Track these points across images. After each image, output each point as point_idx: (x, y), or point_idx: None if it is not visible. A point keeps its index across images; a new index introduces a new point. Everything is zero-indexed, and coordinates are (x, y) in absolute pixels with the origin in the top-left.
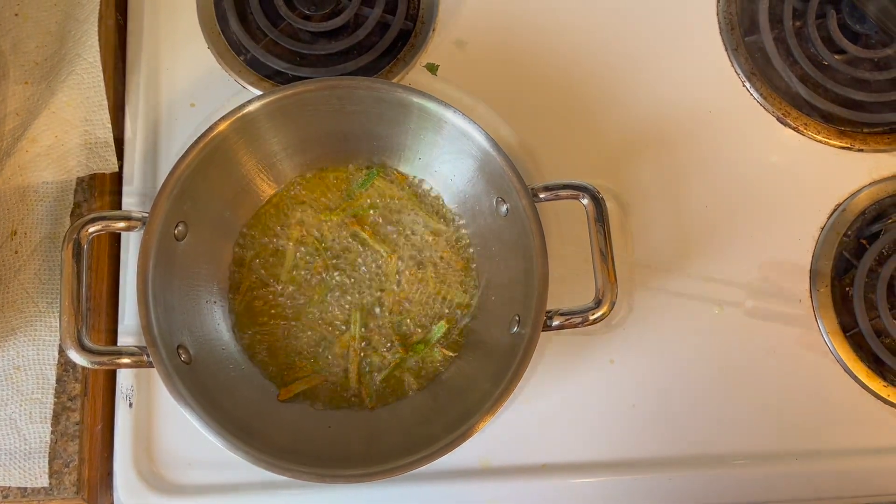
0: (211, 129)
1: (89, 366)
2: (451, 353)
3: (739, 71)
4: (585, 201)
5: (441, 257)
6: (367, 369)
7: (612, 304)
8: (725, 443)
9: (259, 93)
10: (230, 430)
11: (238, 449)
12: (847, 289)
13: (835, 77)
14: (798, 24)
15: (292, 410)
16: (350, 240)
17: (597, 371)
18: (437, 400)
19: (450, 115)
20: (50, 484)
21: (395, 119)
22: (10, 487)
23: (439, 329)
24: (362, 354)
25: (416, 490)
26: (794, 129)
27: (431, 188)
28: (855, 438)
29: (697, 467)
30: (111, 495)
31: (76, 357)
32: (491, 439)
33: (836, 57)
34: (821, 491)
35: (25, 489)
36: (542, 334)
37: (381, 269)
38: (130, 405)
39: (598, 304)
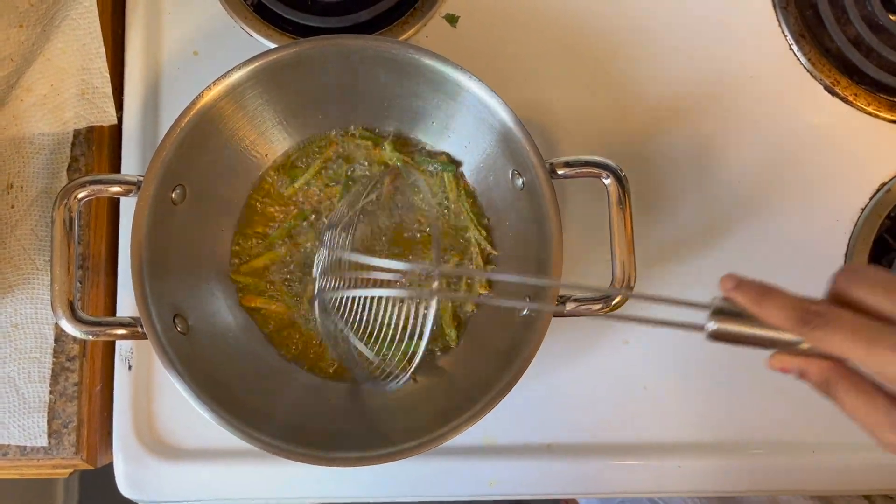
0: (210, 88)
1: (82, 336)
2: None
3: (787, 32)
4: (608, 181)
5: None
6: None
7: (630, 291)
8: (739, 430)
9: (265, 41)
10: (225, 406)
11: (232, 426)
12: None
13: (891, 42)
14: None
15: (293, 382)
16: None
17: (609, 351)
18: (442, 379)
19: (466, 81)
20: (49, 443)
21: (406, 82)
22: (9, 445)
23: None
24: None
25: (416, 465)
26: (842, 98)
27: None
28: None
29: (708, 454)
30: (111, 455)
31: (68, 327)
32: (496, 416)
33: (893, 17)
34: (837, 483)
35: (25, 448)
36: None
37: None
38: (130, 367)
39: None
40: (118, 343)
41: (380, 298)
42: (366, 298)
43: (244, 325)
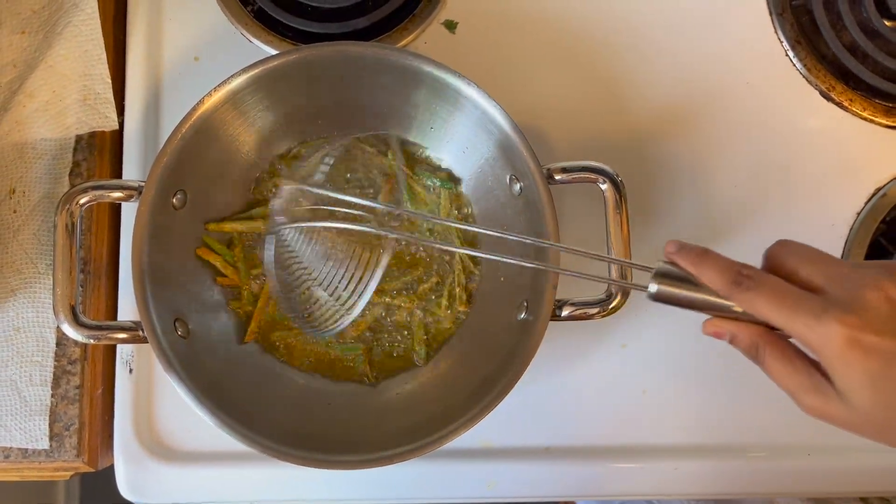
0: (210, 94)
1: (83, 340)
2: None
3: (783, 38)
4: (605, 186)
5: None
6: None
7: (626, 296)
8: (737, 433)
9: (266, 47)
10: (226, 409)
11: (232, 430)
12: None
13: (886, 48)
14: None
15: (292, 385)
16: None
17: (608, 355)
18: (440, 382)
19: (464, 87)
20: (50, 446)
21: (405, 88)
22: (11, 448)
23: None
24: None
25: (414, 467)
26: (837, 104)
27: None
28: None
29: (706, 457)
30: (112, 458)
31: (70, 331)
32: (494, 419)
33: (888, 23)
34: (833, 485)
35: (26, 450)
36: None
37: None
38: (130, 371)
39: (610, 296)
40: (119, 346)
41: (333, 241)
42: (318, 241)
43: (240, 331)
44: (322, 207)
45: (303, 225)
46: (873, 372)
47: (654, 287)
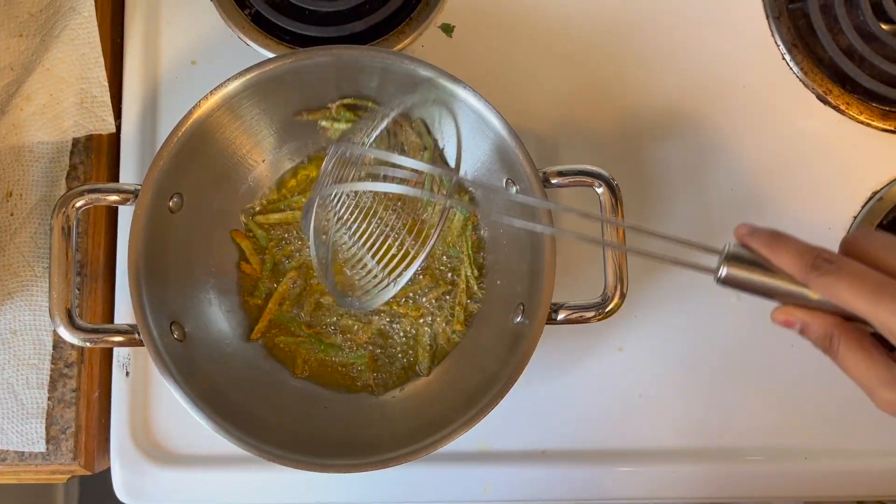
0: (206, 98)
1: (79, 343)
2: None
3: (780, 41)
4: (600, 190)
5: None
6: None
7: (622, 299)
8: (734, 436)
9: (263, 51)
10: (222, 413)
11: (228, 433)
12: None
13: (882, 51)
14: None
15: (288, 388)
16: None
17: (604, 359)
18: (436, 385)
19: (460, 91)
20: (47, 449)
21: (401, 92)
22: (7, 451)
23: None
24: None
25: (410, 470)
26: (834, 107)
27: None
28: (873, 438)
29: (703, 460)
30: (108, 461)
31: (66, 334)
32: (490, 423)
33: (885, 27)
34: (830, 489)
35: (23, 453)
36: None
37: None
38: (127, 374)
39: (606, 299)
40: (116, 350)
41: (384, 208)
42: (367, 208)
43: (240, 333)
44: (374, 172)
45: (354, 187)
46: None
47: (723, 271)
